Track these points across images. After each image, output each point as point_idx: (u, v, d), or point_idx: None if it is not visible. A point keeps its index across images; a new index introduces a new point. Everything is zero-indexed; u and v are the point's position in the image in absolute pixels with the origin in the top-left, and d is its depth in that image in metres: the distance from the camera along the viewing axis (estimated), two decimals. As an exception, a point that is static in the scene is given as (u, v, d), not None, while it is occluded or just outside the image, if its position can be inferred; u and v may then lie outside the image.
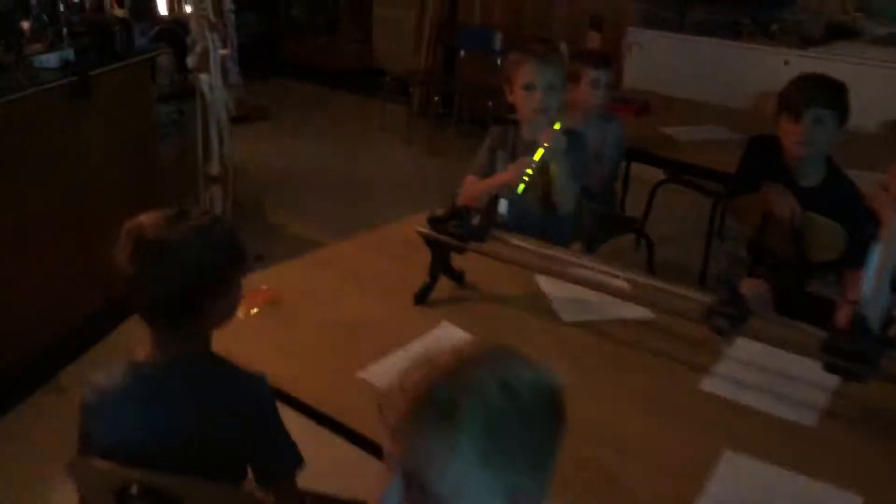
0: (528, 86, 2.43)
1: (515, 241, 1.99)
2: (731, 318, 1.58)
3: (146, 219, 1.36)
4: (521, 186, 2.32)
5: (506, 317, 1.99)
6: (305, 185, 5.17)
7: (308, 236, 4.37)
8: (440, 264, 2.02)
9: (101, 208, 3.20)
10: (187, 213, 1.37)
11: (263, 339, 1.84)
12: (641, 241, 4.02)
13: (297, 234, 4.44)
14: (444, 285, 2.06)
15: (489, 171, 2.55)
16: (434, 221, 1.97)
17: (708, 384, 1.72)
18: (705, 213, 4.32)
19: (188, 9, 3.61)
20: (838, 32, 4.94)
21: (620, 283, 1.89)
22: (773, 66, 4.78)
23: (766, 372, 1.72)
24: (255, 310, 1.95)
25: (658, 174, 4.07)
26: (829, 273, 2.63)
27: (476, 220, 1.96)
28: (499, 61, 5.86)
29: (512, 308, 2.03)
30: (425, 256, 2.03)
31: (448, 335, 1.86)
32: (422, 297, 2.00)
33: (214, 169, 3.62)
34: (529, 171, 2.31)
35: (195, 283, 1.34)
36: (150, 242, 1.33)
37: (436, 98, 6.21)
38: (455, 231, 1.94)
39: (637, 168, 4.10)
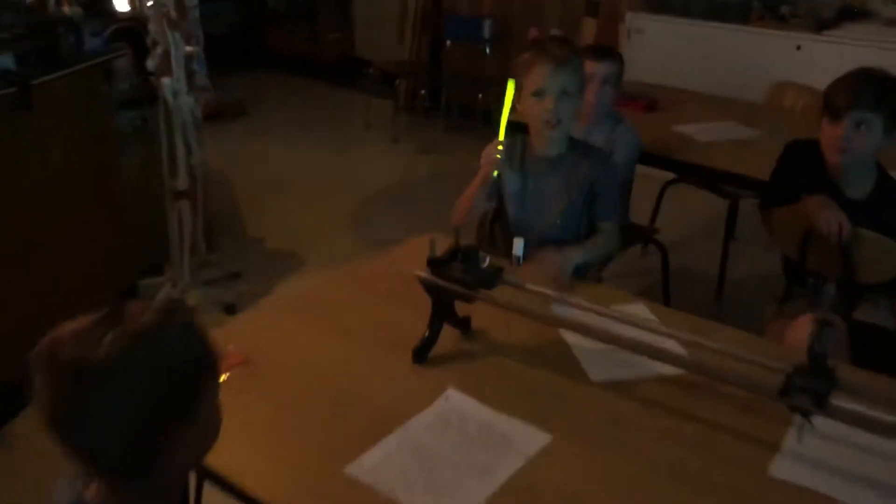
0: (538, 92, 2.09)
1: (530, 284, 1.65)
2: (816, 394, 1.25)
3: (66, 330, 0.95)
4: (496, 172, 2.02)
5: (522, 377, 1.65)
6: (286, 191, 4.81)
7: (290, 249, 4.03)
8: (442, 315, 1.68)
9: (50, 238, 2.83)
10: (122, 312, 0.96)
11: (227, 418, 1.50)
12: (649, 245, 3.71)
13: (278, 247, 4.09)
14: (448, 335, 1.73)
15: (493, 189, 2.22)
16: (435, 264, 1.63)
17: (778, 468, 1.40)
18: (716, 215, 4.01)
19: (150, 3, 3.23)
20: (851, 15, 4.62)
21: (664, 342, 1.56)
22: (785, 52, 4.45)
23: (854, 449, 1.40)
24: (221, 377, 1.60)
25: (664, 174, 3.74)
26: (879, 297, 2.32)
27: (485, 262, 1.62)
28: (487, 51, 5.53)
29: (528, 364, 1.69)
30: (423, 296, 1.69)
31: (456, 407, 1.53)
32: (421, 355, 1.67)
33: (182, 182, 3.26)
34: (500, 148, 2.00)
35: (145, 417, 0.95)
36: (66, 367, 0.92)
37: (422, 91, 5.85)
38: (461, 276, 1.60)
39: (641, 167, 3.77)
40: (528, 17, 5.52)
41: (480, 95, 5.32)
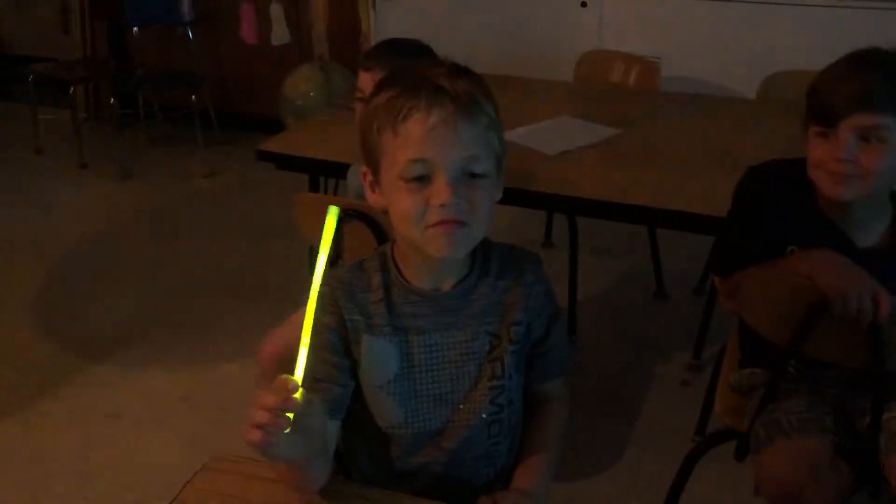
0: (412, 174, 1.01)
1: None
2: None
3: None
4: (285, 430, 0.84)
5: None
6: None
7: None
8: None
9: None
10: None
11: None
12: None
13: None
14: None
15: (322, 407, 0.97)
16: None
17: None
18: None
19: None
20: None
21: None
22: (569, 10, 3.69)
23: None
24: None
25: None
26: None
27: None
28: (190, 34, 4.24)
29: None
30: None
31: None
32: None
33: None
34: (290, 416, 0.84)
35: None
36: None
37: (111, 99, 4.36)
38: None
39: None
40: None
41: (194, 96, 4.03)
